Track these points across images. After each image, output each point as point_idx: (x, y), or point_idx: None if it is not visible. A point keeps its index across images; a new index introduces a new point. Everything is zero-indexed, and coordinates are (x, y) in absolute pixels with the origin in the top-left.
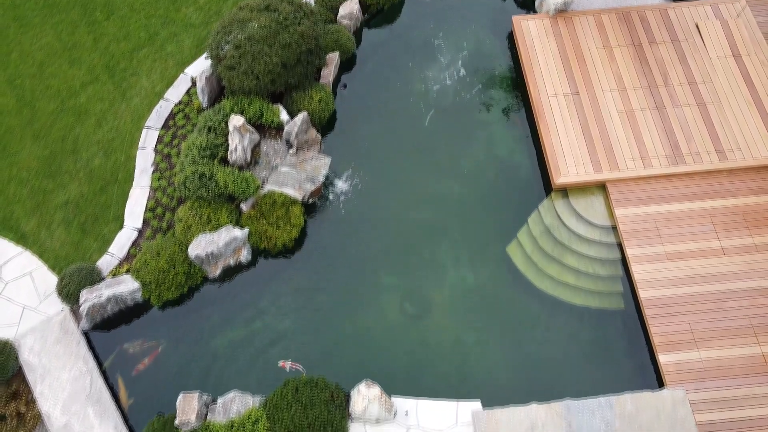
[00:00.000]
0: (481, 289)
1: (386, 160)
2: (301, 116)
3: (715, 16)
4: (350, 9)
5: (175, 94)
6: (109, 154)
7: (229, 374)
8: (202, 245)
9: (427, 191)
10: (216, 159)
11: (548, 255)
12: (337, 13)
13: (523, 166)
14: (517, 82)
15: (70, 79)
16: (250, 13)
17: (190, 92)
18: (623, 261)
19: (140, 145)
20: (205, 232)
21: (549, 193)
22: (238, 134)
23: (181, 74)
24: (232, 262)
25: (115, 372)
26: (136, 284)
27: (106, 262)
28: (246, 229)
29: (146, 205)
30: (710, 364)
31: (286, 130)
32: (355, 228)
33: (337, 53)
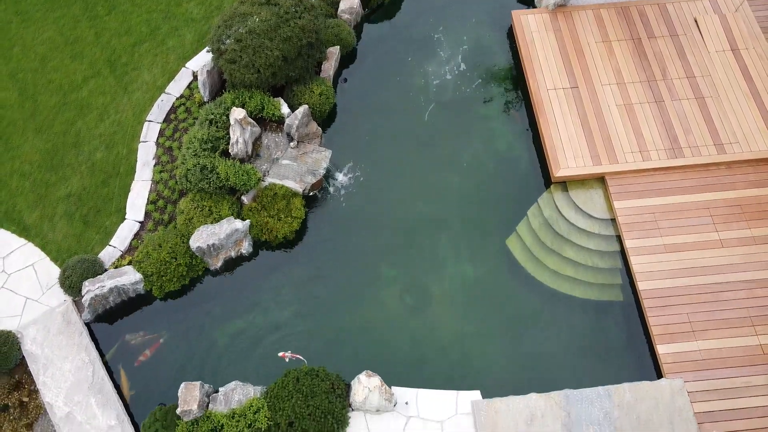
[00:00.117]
0: (481, 282)
1: (386, 153)
2: (302, 109)
3: (714, 11)
4: (350, 3)
5: (176, 88)
6: (110, 147)
7: (230, 365)
8: (203, 237)
9: (428, 184)
10: (217, 152)
11: (547, 247)
12: (337, 7)
13: (523, 160)
14: (516, 77)
15: (72, 73)
16: (251, 7)
17: (191, 86)
18: (622, 253)
19: (142, 139)
20: (206, 224)
21: (548, 186)
22: (240, 127)
23: (183, 68)
24: (234, 254)
25: (117, 363)
26: (138, 276)
27: (108, 254)
28: (247, 221)
29: (148, 198)
30: (708, 355)
31: (287, 123)
32: (355, 220)
33: (338, 47)
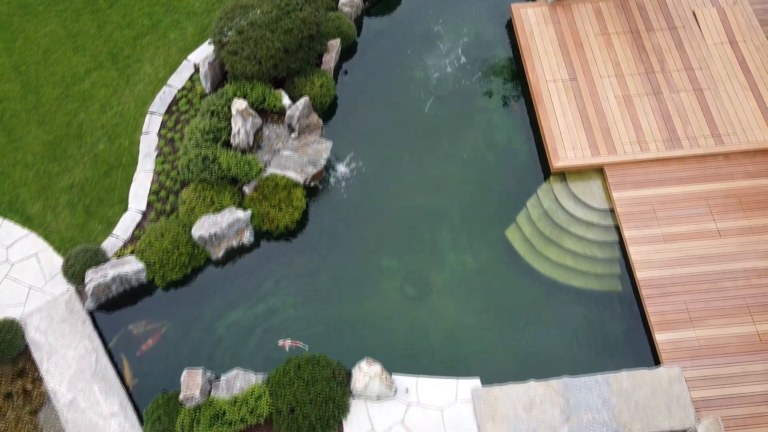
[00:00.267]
0: (481, 272)
1: (387, 145)
2: (303, 101)
3: (712, 4)
4: None
5: (178, 80)
6: (113, 138)
7: (231, 354)
8: (205, 226)
9: (428, 176)
10: (219, 142)
11: (547, 238)
12: (338, 0)
13: (522, 151)
14: (516, 69)
15: (75, 65)
16: None
17: (193, 78)
18: (621, 243)
19: (144, 130)
20: (208, 214)
21: (547, 177)
22: (241, 118)
23: (184, 61)
24: (235, 244)
25: (119, 352)
26: (141, 265)
27: (110, 244)
28: (248, 211)
29: (150, 189)
30: (706, 343)
31: (288, 114)
32: (356, 211)
33: (338, 40)
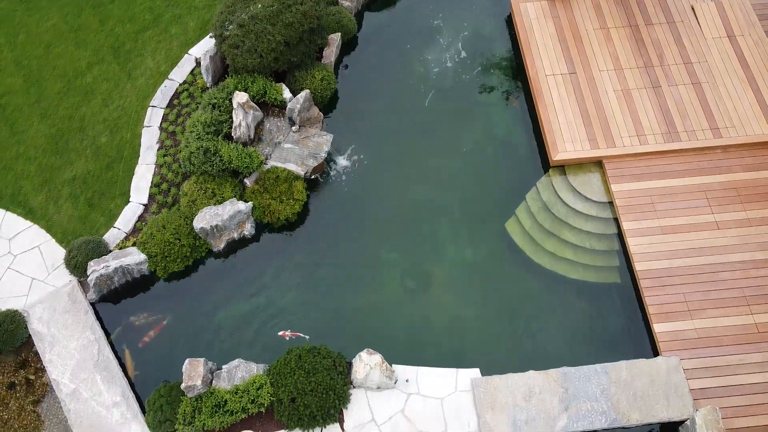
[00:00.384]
0: (480, 265)
1: (387, 139)
2: (304, 94)
3: None
4: None
5: (179, 74)
6: (114, 132)
7: (232, 346)
8: (207, 218)
9: (428, 169)
10: (220, 135)
11: (546, 230)
12: None
13: (522, 145)
14: (515, 64)
15: (77, 60)
16: None
17: (194, 72)
18: (619, 235)
19: (145, 124)
20: (209, 206)
21: (547, 170)
22: (242, 111)
23: (186, 55)
24: (236, 236)
25: (121, 344)
26: (143, 256)
27: (112, 236)
28: (250, 203)
29: (152, 181)
30: (704, 333)
31: (288, 107)
32: (356, 203)
33: (339, 34)
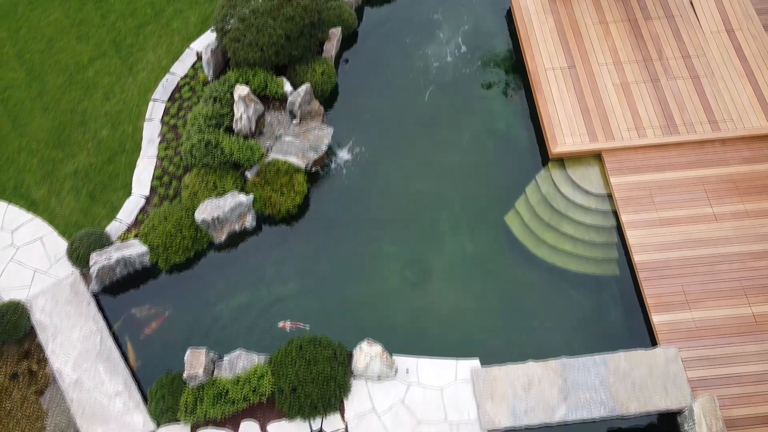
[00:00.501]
0: (480, 257)
1: (388, 132)
2: (305, 87)
3: None
4: None
5: (180, 68)
6: (116, 125)
7: (234, 337)
8: (208, 210)
9: (427, 162)
10: (221, 128)
11: (545, 223)
12: None
13: (521, 139)
14: (515, 58)
15: (78, 54)
16: None
17: (195, 66)
18: (618, 228)
19: (147, 117)
20: (211, 198)
21: (546, 163)
22: (243, 104)
23: (187, 49)
24: (238, 228)
25: (123, 335)
26: (144, 248)
27: (114, 228)
28: (251, 195)
29: (153, 174)
30: (702, 324)
31: (289, 101)
32: (356, 196)
33: (339, 28)
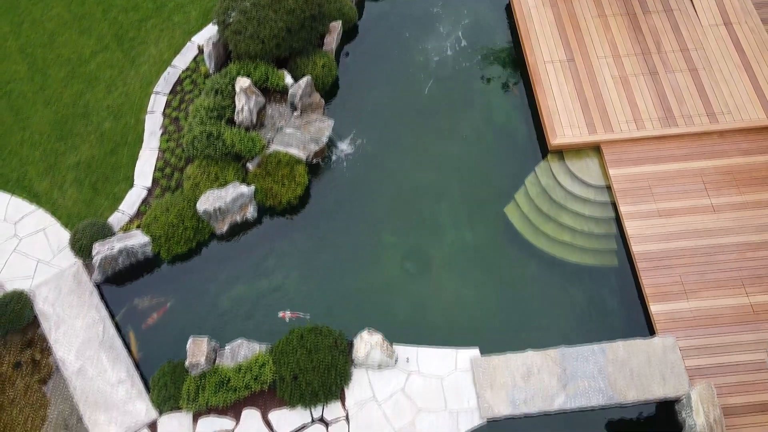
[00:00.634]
0: (480, 248)
1: (388, 125)
2: (306, 79)
3: None
4: None
5: (182, 61)
6: (118, 118)
7: (235, 328)
8: (210, 200)
9: (428, 155)
10: (223, 120)
11: (545, 215)
12: None
13: (520, 131)
14: (514, 51)
15: (80, 47)
16: None
17: (197, 59)
18: (617, 219)
19: (149, 110)
20: (213, 188)
21: (545, 155)
22: (245, 96)
23: (188, 42)
24: (239, 219)
25: (125, 326)
26: (147, 238)
27: (117, 219)
28: (252, 186)
29: (155, 166)
30: (700, 314)
31: (290, 93)
32: (357, 188)
33: (340, 22)
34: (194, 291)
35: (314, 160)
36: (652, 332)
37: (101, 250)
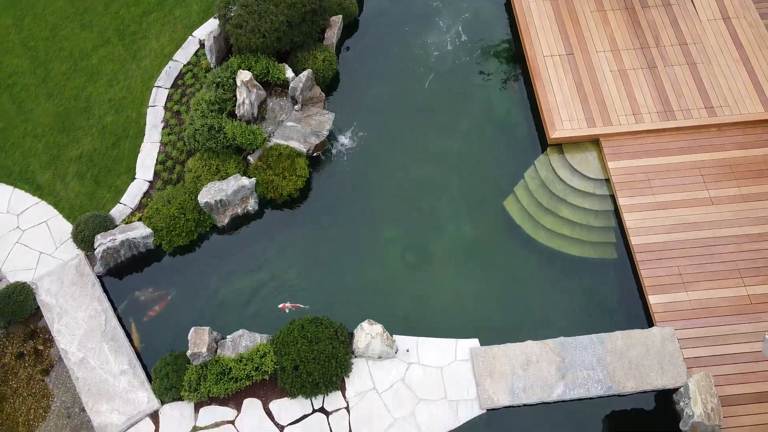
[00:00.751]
0: (480, 241)
1: (388, 119)
2: (306, 73)
3: None
4: None
5: (183, 56)
6: (120, 111)
7: (236, 318)
8: (211, 193)
9: (427, 149)
10: (224, 113)
11: (544, 208)
12: None
13: (520, 125)
14: (514, 46)
15: (82, 41)
16: None
17: (198, 53)
18: (616, 212)
19: (150, 103)
20: (214, 181)
21: (545, 149)
22: (246, 89)
23: (189, 37)
24: (240, 211)
25: (127, 317)
26: (148, 230)
27: (118, 211)
28: (253, 179)
29: (157, 159)
30: (698, 305)
31: (291, 86)
32: (357, 181)
33: (340, 16)
34: (196, 282)
35: (315, 153)
36: (651, 323)
37: (103, 242)
